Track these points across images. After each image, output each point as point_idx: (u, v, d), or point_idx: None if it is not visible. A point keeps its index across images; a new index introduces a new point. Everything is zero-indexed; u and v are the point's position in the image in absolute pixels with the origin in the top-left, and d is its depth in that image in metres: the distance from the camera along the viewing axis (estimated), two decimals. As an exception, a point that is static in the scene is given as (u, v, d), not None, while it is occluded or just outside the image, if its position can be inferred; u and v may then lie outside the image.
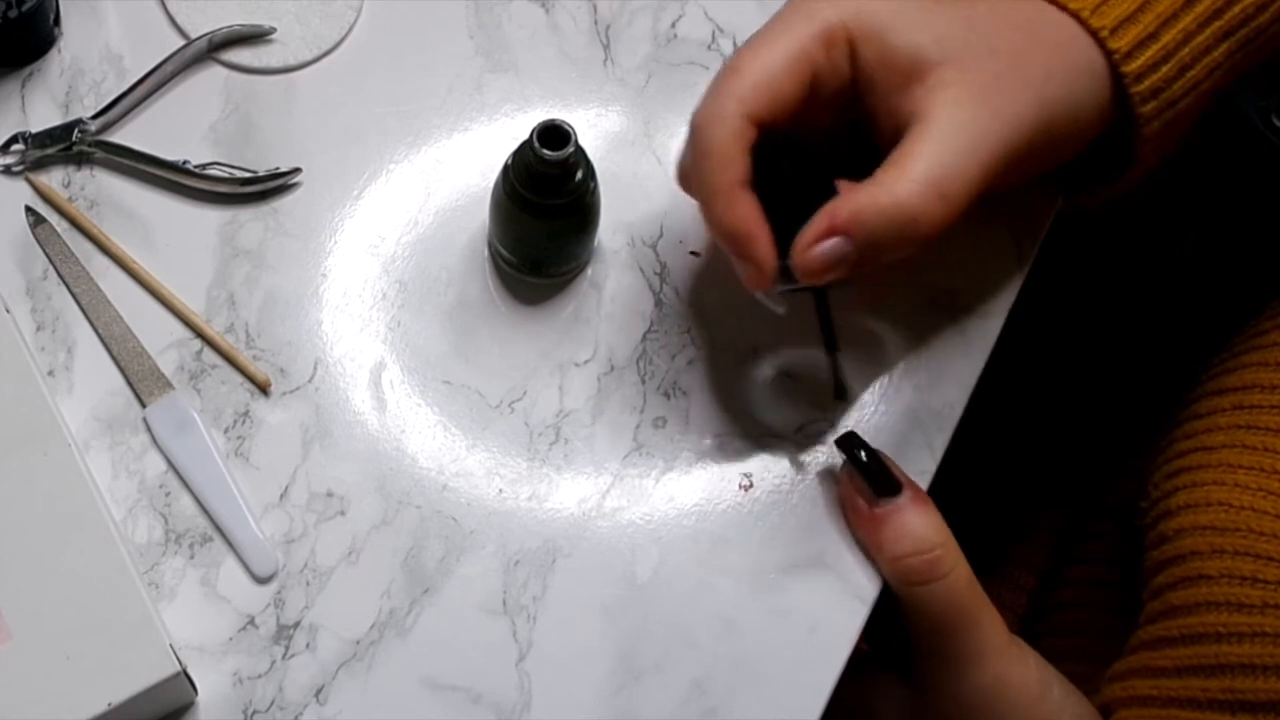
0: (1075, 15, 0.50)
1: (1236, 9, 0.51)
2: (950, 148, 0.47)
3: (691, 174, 0.50)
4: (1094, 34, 0.50)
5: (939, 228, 0.47)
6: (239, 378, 0.56)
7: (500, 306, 0.58)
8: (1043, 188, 0.60)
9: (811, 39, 0.48)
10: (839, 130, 0.52)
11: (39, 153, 0.58)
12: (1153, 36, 0.50)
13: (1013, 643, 0.53)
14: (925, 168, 0.47)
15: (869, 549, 0.53)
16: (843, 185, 0.49)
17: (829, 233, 0.47)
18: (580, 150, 0.52)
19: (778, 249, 0.48)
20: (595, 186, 0.54)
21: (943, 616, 0.52)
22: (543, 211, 0.53)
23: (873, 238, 0.47)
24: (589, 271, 0.59)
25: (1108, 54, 0.50)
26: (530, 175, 0.52)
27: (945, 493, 0.55)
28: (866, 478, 0.52)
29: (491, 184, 0.55)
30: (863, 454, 0.53)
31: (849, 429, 0.55)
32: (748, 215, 0.48)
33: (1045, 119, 0.49)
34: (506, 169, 0.53)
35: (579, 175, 0.53)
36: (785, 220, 0.48)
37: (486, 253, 0.59)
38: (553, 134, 0.51)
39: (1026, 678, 0.53)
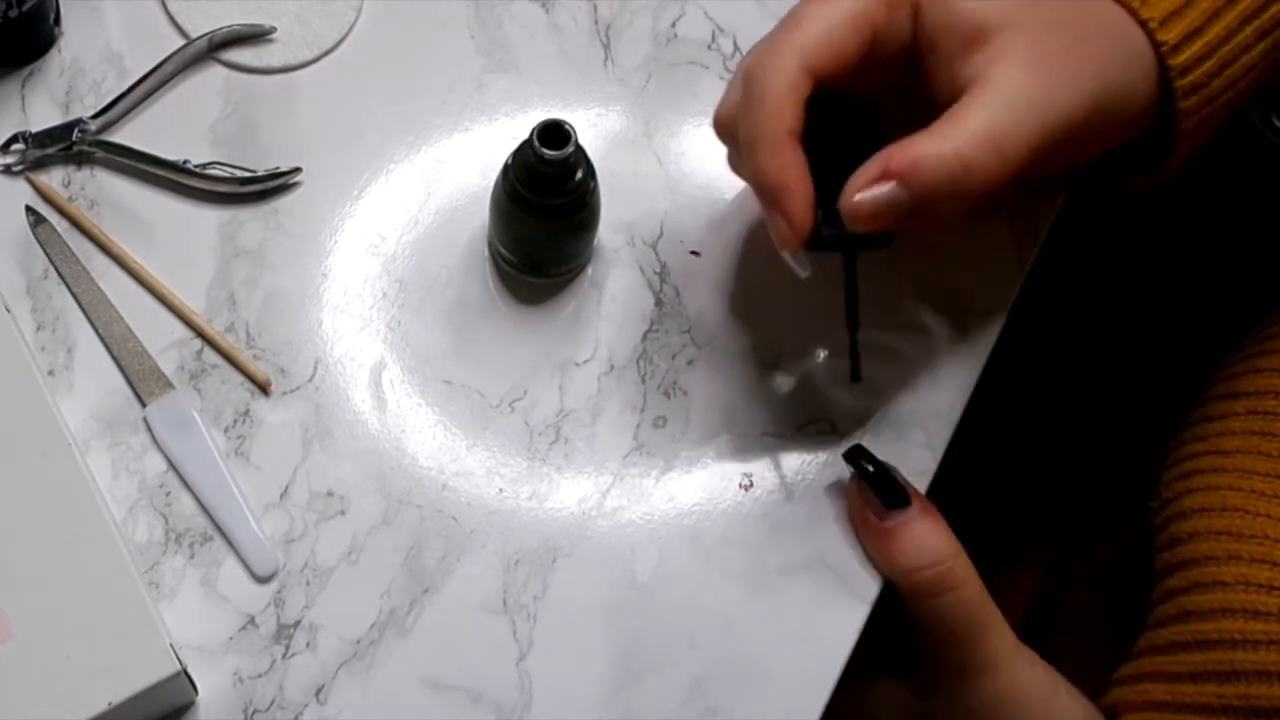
0: (1126, 5, 0.50)
1: (1274, 8, 0.51)
2: (1010, 109, 0.47)
3: (740, 120, 0.49)
4: (1143, 24, 0.49)
5: (993, 184, 0.46)
6: (239, 377, 0.56)
7: (500, 306, 0.58)
8: (1046, 188, 0.60)
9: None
10: (893, 91, 0.51)
11: (39, 152, 0.58)
12: (1198, 31, 0.50)
13: (1020, 649, 0.54)
14: (984, 122, 0.46)
15: (880, 562, 0.53)
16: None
17: (884, 177, 0.46)
18: (580, 150, 0.52)
19: (822, 202, 0.48)
20: (595, 186, 0.54)
21: (954, 628, 0.52)
22: (543, 211, 0.53)
23: (928, 186, 0.46)
24: (589, 271, 0.59)
25: (1155, 45, 0.50)
26: (530, 175, 0.52)
27: (946, 493, 0.55)
28: (876, 490, 0.52)
29: (492, 184, 0.55)
30: (871, 467, 0.53)
31: (855, 443, 0.55)
32: (792, 167, 0.47)
33: (1102, 99, 0.49)
34: (507, 168, 0.53)
35: (579, 175, 0.53)
36: (830, 178, 0.47)
37: (487, 252, 0.59)
38: (553, 133, 0.51)
39: (1035, 683, 0.53)
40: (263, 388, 0.56)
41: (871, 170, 0.47)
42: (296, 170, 0.59)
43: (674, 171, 0.61)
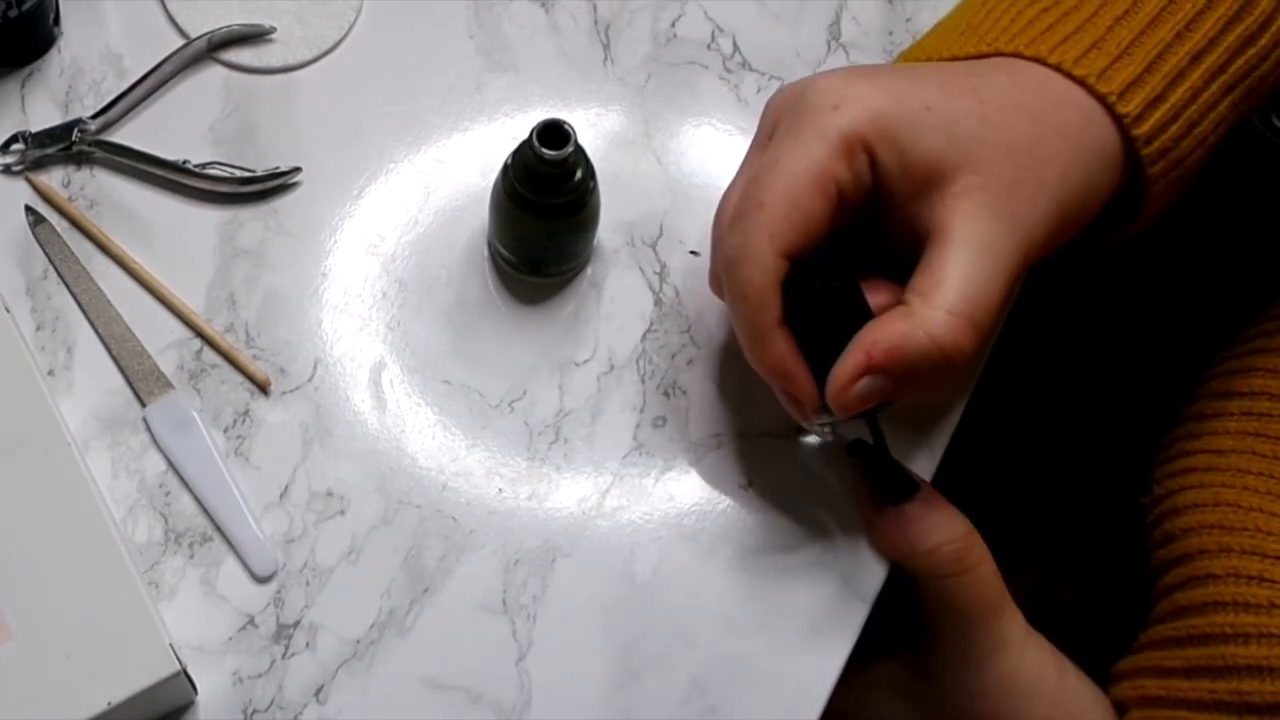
0: (1081, 81, 0.49)
1: (1240, 61, 0.51)
2: (978, 270, 0.47)
3: (730, 310, 0.50)
4: (1101, 99, 0.49)
5: (970, 355, 0.47)
6: (239, 377, 0.56)
7: (500, 306, 0.58)
8: None
9: (832, 155, 0.47)
10: (860, 229, 0.51)
11: (39, 152, 0.58)
12: (1161, 97, 0.49)
13: (1030, 631, 0.54)
14: (954, 297, 0.46)
15: (897, 548, 0.53)
16: (870, 290, 0.48)
17: (865, 370, 0.47)
18: (580, 150, 0.52)
19: (816, 373, 0.48)
20: (595, 186, 0.54)
21: (972, 607, 0.52)
22: (543, 211, 0.53)
23: (909, 372, 0.46)
24: (589, 271, 0.59)
25: (1117, 119, 0.49)
26: (530, 174, 0.52)
27: (944, 493, 0.55)
28: (883, 481, 0.53)
29: (491, 183, 0.55)
30: (876, 459, 0.53)
31: (856, 438, 0.55)
32: (785, 356, 0.48)
33: (1062, 215, 0.49)
34: (506, 168, 0.53)
35: (579, 175, 0.53)
36: (821, 340, 0.48)
37: (486, 252, 0.59)
38: (553, 133, 0.51)
39: (1045, 665, 0.54)
40: (262, 388, 0.56)
41: (853, 363, 0.47)
42: (296, 170, 0.59)
43: (674, 171, 0.61)
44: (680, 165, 0.61)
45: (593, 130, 0.61)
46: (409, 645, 0.52)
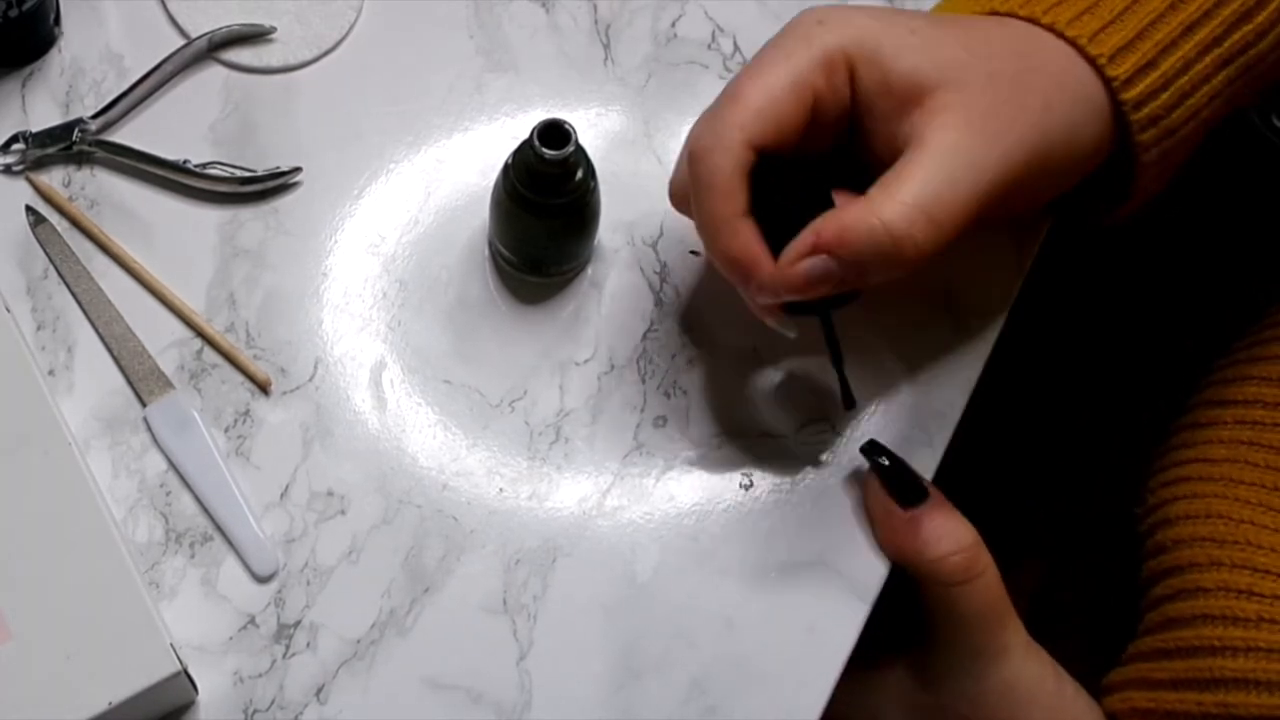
0: (1072, 42, 0.49)
1: (1236, 36, 0.51)
2: (944, 172, 0.47)
3: (693, 202, 0.50)
4: (1091, 61, 0.49)
5: (926, 253, 0.47)
6: (239, 377, 0.56)
7: (500, 306, 0.58)
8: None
9: (812, 64, 0.48)
10: (837, 151, 0.51)
11: (39, 152, 0.59)
12: (1151, 64, 0.50)
13: (1031, 641, 0.54)
14: (916, 191, 0.46)
15: (905, 552, 0.53)
16: (840, 198, 0.48)
17: (813, 250, 0.47)
18: (580, 149, 0.52)
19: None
20: (595, 186, 0.54)
21: (976, 614, 0.52)
22: (543, 211, 0.53)
23: (857, 258, 0.46)
24: (589, 271, 0.59)
25: (1106, 81, 0.49)
26: (530, 174, 0.52)
27: (945, 493, 0.55)
28: (893, 483, 0.53)
29: (492, 183, 0.55)
30: (887, 460, 0.53)
31: (870, 437, 0.55)
32: (750, 243, 0.48)
33: (1043, 147, 0.49)
34: (507, 168, 0.53)
35: (579, 174, 0.53)
36: (785, 239, 0.48)
37: (487, 252, 0.59)
38: (553, 133, 0.51)
39: (1044, 674, 0.54)
40: (263, 387, 0.56)
41: (802, 242, 0.47)
42: (296, 170, 0.59)
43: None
44: (680, 165, 0.61)
45: (593, 130, 0.61)
46: (409, 645, 0.52)
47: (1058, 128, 0.49)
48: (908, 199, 0.46)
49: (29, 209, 0.58)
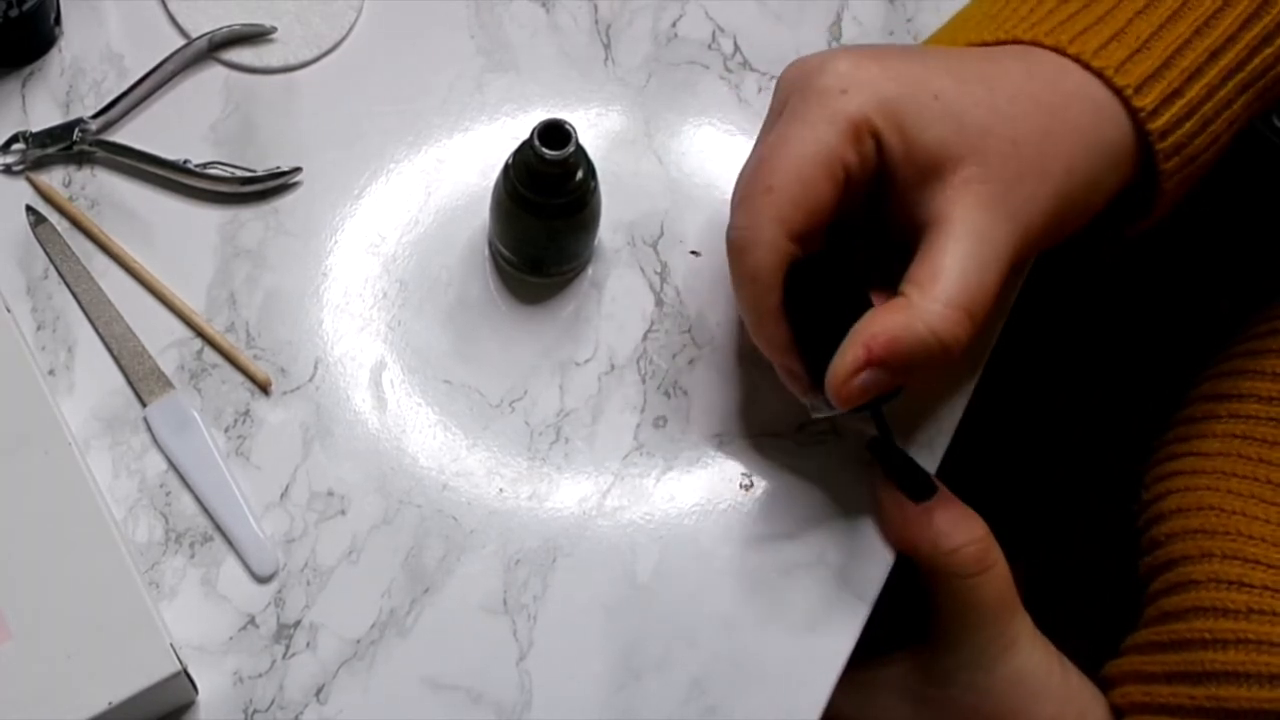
0: (1100, 74, 0.49)
1: (1257, 60, 0.51)
2: (974, 260, 0.47)
3: (735, 291, 0.50)
4: (1118, 91, 0.49)
5: (966, 345, 0.47)
6: (239, 377, 0.56)
7: (501, 306, 0.58)
8: None
9: (841, 140, 0.47)
10: (862, 214, 0.51)
11: (39, 152, 0.59)
12: (1178, 92, 0.49)
13: (1037, 631, 0.54)
14: (954, 290, 0.46)
15: (918, 547, 0.53)
16: (876, 297, 0.49)
17: (865, 364, 0.47)
18: (581, 149, 0.52)
19: (814, 357, 0.49)
20: (596, 186, 0.54)
21: (989, 606, 0.52)
22: (543, 211, 0.53)
23: (907, 364, 0.47)
24: (589, 271, 0.59)
25: (1132, 112, 0.49)
26: (531, 174, 0.52)
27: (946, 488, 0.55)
28: (902, 479, 0.53)
29: (492, 183, 0.55)
30: (896, 457, 0.53)
31: (875, 435, 0.55)
32: (784, 341, 0.50)
33: (1061, 210, 0.49)
34: (507, 168, 0.53)
35: (579, 174, 0.53)
36: (819, 327, 0.49)
37: (487, 252, 0.59)
38: (553, 133, 0.51)
39: (1051, 664, 0.54)
40: (263, 387, 0.56)
41: (853, 356, 0.47)
42: (297, 170, 0.59)
43: (674, 171, 0.61)
44: (681, 165, 0.61)
45: (593, 130, 0.61)
46: (409, 645, 0.52)
47: (1079, 189, 0.49)
48: (949, 300, 0.46)
49: (29, 209, 0.58)
